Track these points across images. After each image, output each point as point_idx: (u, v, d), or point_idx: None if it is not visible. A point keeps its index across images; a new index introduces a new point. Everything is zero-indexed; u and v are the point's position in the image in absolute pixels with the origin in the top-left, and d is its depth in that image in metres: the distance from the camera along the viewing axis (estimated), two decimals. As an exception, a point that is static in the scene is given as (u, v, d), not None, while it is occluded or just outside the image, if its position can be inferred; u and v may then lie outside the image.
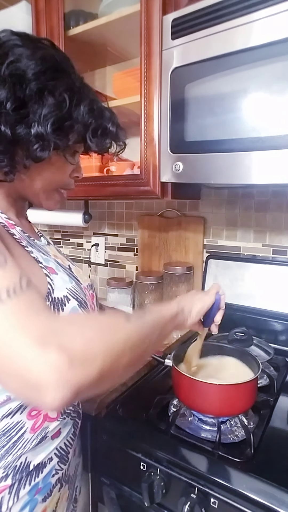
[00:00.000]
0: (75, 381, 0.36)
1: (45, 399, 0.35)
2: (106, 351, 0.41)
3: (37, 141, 0.50)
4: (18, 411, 0.52)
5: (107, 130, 0.60)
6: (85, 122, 0.56)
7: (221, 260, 1.20)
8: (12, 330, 0.37)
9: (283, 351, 1.06)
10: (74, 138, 0.57)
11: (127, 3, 0.99)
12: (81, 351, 0.38)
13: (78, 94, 0.55)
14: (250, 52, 0.75)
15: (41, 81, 0.50)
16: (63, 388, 0.35)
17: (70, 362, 0.36)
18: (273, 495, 0.57)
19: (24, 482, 0.53)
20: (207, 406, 0.71)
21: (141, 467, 0.70)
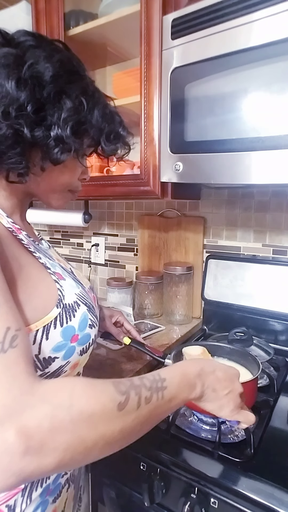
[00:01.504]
0: (26, 470, 0.33)
1: None
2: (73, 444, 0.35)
3: (57, 144, 0.51)
4: None
5: (119, 134, 0.62)
6: (99, 127, 0.57)
7: (221, 260, 1.20)
8: None
9: (283, 351, 1.06)
10: (88, 142, 0.58)
11: (127, 3, 0.99)
12: (42, 439, 0.34)
13: (93, 98, 0.55)
14: (250, 52, 0.75)
15: (58, 84, 0.50)
16: (10, 475, 0.33)
17: (26, 449, 0.33)
18: (273, 495, 0.57)
19: (36, 484, 0.54)
20: (207, 406, 0.71)
21: (141, 467, 0.70)
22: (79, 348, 0.55)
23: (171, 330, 1.21)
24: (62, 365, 0.52)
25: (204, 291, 1.22)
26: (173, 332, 1.19)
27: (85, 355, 0.58)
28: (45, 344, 0.49)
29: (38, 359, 0.49)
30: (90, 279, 1.63)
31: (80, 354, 0.55)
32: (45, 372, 0.51)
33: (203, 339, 1.13)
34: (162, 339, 1.13)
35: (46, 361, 0.50)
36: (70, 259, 1.70)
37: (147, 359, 0.98)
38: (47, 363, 0.50)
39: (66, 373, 0.55)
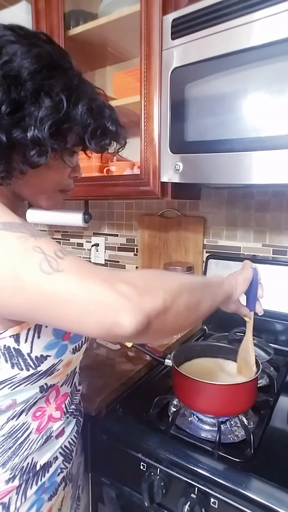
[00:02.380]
0: (145, 306, 0.40)
1: (124, 322, 0.38)
2: (165, 286, 0.45)
3: (34, 146, 0.48)
4: (23, 412, 0.52)
5: (107, 129, 0.57)
6: (83, 123, 0.53)
7: (221, 260, 1.20)
8: (81, 276, 0.40)
9: (283, 351, 1.06)
10: (72, 140, 0.54)
11: (127, 3, 0.99)
12: (144, 285, 0.42)
13: (76, 93, 0.52)
14: (250, 52, 0.75)
15: (36, 81, 0.47)
16: (137, 312, 0.39)
17: (138, 292, 0.40)
18: (273, 495, 0.57)
19: (31, 482, 0.54)
20: (207, 406, 0.71)
21: (141, 467, 0.70)
22: (72, 346, 0.54)
23: (171, 330, 1.20)
24: (55, 363, 0.52)
25: (204, 291, 1.22)
26: (173, 332, 1.19)
27: (78, 353, 0.58)
28: (37, 342, 0.49)
29: (30, 357, 0.49)
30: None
31: (73, 353, 0.55)
32: (37, 371, 0.50)
33: (203, 339, 1.13)
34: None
35: (38, 359, 0.50)
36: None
37: (147, 359, 0.98)
38: (39, 361, 0.50)
39: (59, 372, 0.54)
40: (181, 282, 0.48)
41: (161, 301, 0.42)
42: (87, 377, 0.89)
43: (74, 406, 0.64)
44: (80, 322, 0.39)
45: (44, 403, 0.56)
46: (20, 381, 0.49)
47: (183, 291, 0.46)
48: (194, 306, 0.49)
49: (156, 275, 0.47)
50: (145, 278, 0.45)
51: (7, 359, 0.46)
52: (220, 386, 0.69)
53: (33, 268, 0.39)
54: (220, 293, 0.59)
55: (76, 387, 0.66)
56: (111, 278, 0.41)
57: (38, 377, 0.50)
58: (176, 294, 0.45)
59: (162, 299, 0.42)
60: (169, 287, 0.45)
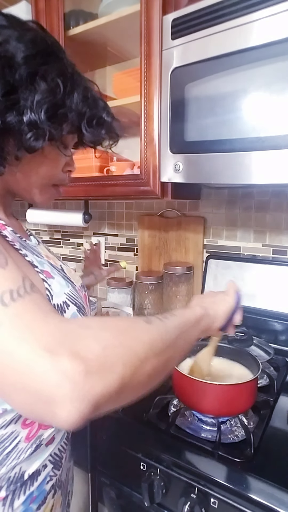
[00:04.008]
0: (93, 392, 0.32)
1: (60, 414, 0.31)
2: (127, 356, 0.36)
3: (30, 129, 0.46)
4: (12, 421, 0.49)
5: (102, 120, 0.56)
6: (79, 111, 0.52)
7: (221, 260, 1.20)
8: (18, 336, 0.32)
9: (283, 351, 1.06)
10: (68, 128, 0.52)
11: (127, 3, 0.99)
12: (98, 358, 0.33)
13: (71, 81, 0.50)
14: (250, 52, 0.75)
15: (31, 65, 0.46)
16: (80, 401, 0.31)
17: (86, 370, 0.32)
18: (273, 495, 0.57)
19: (19, 492, 0.51)
20: (207, 406, 0.71)
21: (141, 467, 0.70)
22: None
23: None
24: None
25: (204, 291, 1.22)
26: (173, 332, 1.19)
27: None
28: None
29: None
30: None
31: None
32: None
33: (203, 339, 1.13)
34: (162, 339, 1.13)
35: None
36: (70, 259, 1.71)
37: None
38: None
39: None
40: (148, 343, 0.39)
41: (117, 381, 0.34)
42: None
43: None
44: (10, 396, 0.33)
45: None
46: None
47: (149, 356, 0.38)
48: (160, 369, 0.41)
49: (118, 335, 0.38)
50: (104, 343, 0.35)
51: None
52: (220, 386, 0.69)
53: None
54: (196, 333, 0.54)
55: None
56: (58, 346, 0.32)
57: None
58: (139, 364, 0.37)
59: (118, 377, 0.34)
60: (132, 356, 0.36)
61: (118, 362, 0.35)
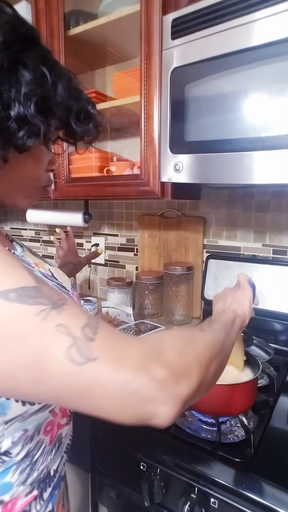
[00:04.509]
0: (183, 393, 0.37)
1: (162, 415, 0.36)
2: (198, 360, 0.41)
3: (21, 125, 0.41)
4: (36, 433, 0.50)
5: (89, 113, 0.51)
6: (66, 104, 0.47)
7: (221, 260, 1.20)
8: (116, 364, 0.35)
9: (283, 351, 1.06)
10: (55, 123, 0.48)
11: (127, 3, 0.99)
12: (179, 365, 0.38)
13: (55, 70, 0.45)
14: (250, 52, 0.75)
15: (11, 52, 0.40)
16: (174, 402, 0.36)
17: (174, 377, 0.37)
18: (273, 495, 0.57)
19: (46, 486, 0.54)
20: (207, 406, 0.71)
21: (141, 467, 0.70)
22: None
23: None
24: None
25: (204, 291, 1.22)
26: (173, 332, 1.19)
27: None
28: None
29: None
30: (90, 279, 1.63)
31: None
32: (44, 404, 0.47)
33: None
34: (162, 339, 1.13)
35: None
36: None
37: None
38: None
39: None
40: (209, 347, 0.45)
41: (196, 382, 0.39)
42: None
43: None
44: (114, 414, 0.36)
45: (52, 416, 0.54)
46: (31, 414, 0.46)
47: (212, 358, 0.44)
48: (220, 368, 0.46)
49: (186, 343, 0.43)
50: (179, 353, 0.40)
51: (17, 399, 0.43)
52: (220, 386, 0.69)
53: (59, 357, 0.33)
54: (234, 334, 0.57)
55: None
56: (146, 360, 0.36)
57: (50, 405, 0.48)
58: (208, 365, 0.42)
59: (197, 379, 0.39)
60: (202, 359, 0.42)
61: (194, 366, 0.40)
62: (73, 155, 1.22)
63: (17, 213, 1.91)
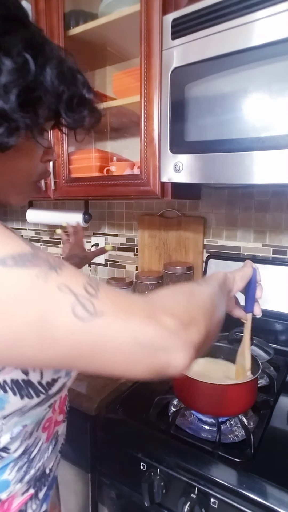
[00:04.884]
0: (194, 339, 0.38)
1: (176, 361, 0.36)
2: (202, 310, 0.42)
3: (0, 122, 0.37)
4: (34, 429, 0.50)
5: (84, 98, 0.46)
6: (56, 91, 0.42)
7: (221, 260, 1.20)
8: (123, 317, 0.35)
9: (283, 351, 1.06)
10: (45, 113, 0.43)
11: (127, 3, 0.99)
12: (186, 314, 0.39)
13: (42, 53, 0.40)
14: (250, 52, 0.75)
15: None
16: (187, 348, 0.37)
17: (183, 324, 0.37)
18: (273, 495, 0.57)
19: (41, 485, 0.54)
20: (207, 406, 0.71)
21: (141, 467, 0.70)
22: None
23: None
24: (65, 381, 0.49)
25: (204, 291, 1.22)
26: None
27: None
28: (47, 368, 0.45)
29: (40, 384, 0.44)
30: (90, 279, 1.62)
31: None
32: (48, 394, 0.46)
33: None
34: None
35: (49, 384, 0.46)
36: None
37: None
38: (50, 385, 0.46)
39: (69, 386, 0.52)
40: (210, 298, 0.47)
41: (204, 328, 0.40)
42: (87, 377, 0.89)
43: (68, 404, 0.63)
44: (127, 369, 0.35)
45: (51, 413, 0.54)
46: (30, 408, 0.45)
47: (214, 309, 0.45)
48: (220, 319, 0.47)
49: (188, 297, 0.44)
50: (182, 304, 0.41)
51: (15, 392, 0.42)
52: (220, 386, 0.69)
53: (64, 315, 0.33)
54: (225, 292, 0.58)
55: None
56: (153, 312, 0.37)
57: (48, 399, 0.48)
58: (211, 315, 0.43)
59: (204, 326, 0.40)
60: (206, 310, 0.43)
61: (199, 314, 0.41)
62: (73, 155, 1.22)
63: (17, 213, 1.91)
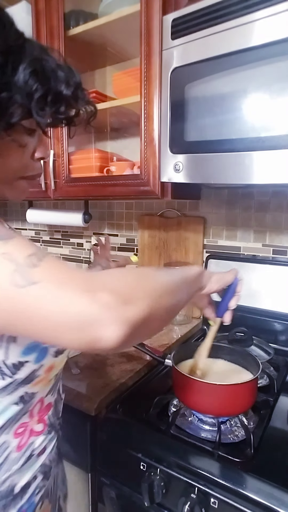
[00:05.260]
0: (130, 315, 0.37)
1: (108, 338, 0.36)
2: (149, 291, 0.42)
3: None
4: (4, 431, 0.47)
5: (60, 94, 0.45)
6: (27, 90, 0.41)
7: (221, 260, 1.20)
8: (57, 287, 0.36)
9: (283, 351, 1.06)
10: (18, 113, 0.42)
11: (127, 3, 0.99)
12: (127, 291, 0.39)
13: (15, 54, 0.41)
14: (250, 52, 0.75)
15: None
16: (120, 323, 0.36)
17: (121, 300, 0.37)
18: (273, 495, 0.57)
19: (9, 507, 0.49)
20: (207, 406, 0.71)
21: (141, 467, 0.70)
22: (54, 349, 0.49)
23: (171, 330, 1.21)
24: (35, 369, 0.47)
25: (204, 291, 1.22)
26: (173, 332, 1.19)
27: (62, 356, 0.51)
28: (13, 347, 0.44)
29: (5, 365, 0.44)
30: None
31: (55, 356, 0.50)
32: (14, 379, 0.45)
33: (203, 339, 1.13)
34: (162, 339, 1.13)
35: (15, 366, 0.45)
36: (70, 259, 1.71)
37: (147, 359, 0.98)
38: (16, 368, 0.45)
39: (40, 377, 0.49)
40: (163, 284, 0.46)
41: (146, 308, 0.39)
42: (87, 377, 0.89)
43: (57, 420, 0.59)
44: (60, 337, 0.36)
45: (28, 417, 0.51)
46: None
47: (164, 294, 0.44)
48: (174, 307, 0.47)
49: (138, 278, 0.44)
50: (127, 283, 0.41)
51: None
52: (220, 386, 0.69)
53: (1, 281, 0.35)
54: (195, 286, 0.59)
55: (60, 395, 0.61)
56: (92, 286, 0.37)
57: (16, 386, 0.46)
58: (159, 298, 0.43)
59: (146, 306, 0.39)
60: (152, 291, 0.42)
61: (144, 295, 0.40)
62: (73, 155, 1.22)
63: (17, 213, 1.91)
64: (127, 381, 0.89)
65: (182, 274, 0.55)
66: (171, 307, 0.46)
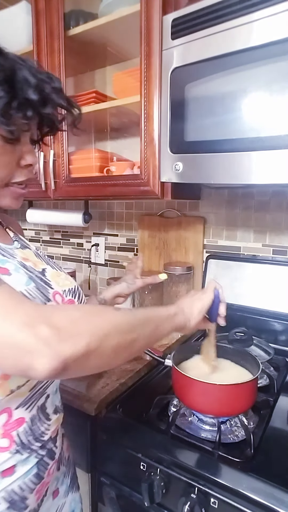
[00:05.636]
0: (64, 352, 0.39)
1: (37, 366, 0.38)
2: (93, 329, 0.43)
3: None
4: None
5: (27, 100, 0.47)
6: None
7: (221, 260, 1.20)
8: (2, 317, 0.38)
9: (283, 351, 1.06)
10: None
11: (127, 3, 0.99)
12: (69, 327, 0.41)
13: None
14: (250, 52, 0.75)
15: None
16: (52, 358, 0.38)
17: (59, 336, 0.39)
18: (273, 495, 0.57)
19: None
20: (207, 406, 0.71)
21: (141, 467, 0.70)
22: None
23: (171, 330, 1.20)
24: None
25: (204, 291, 1.22)
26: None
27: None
28: None
29: None
30: (90, 279, 1.62)
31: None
32: None
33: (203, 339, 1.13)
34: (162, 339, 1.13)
35: None
36: (70, 259, 1.70)
37: (147, 359, 0.98)
38: None
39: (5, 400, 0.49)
40: (113, 323, 0.46)
41: (83, 346, 0.40)
42: (87, 377, 0.89)
43: (37, 442, 0.54)
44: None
45: None
46: None
47: (113, 333, 0.44)
48: (125, 346, 0.47)
49: (87, 315, 0.45)
50: (73, 319, 0.42)
51: None
52: (220, 386, 0.69)
53: None
54: (169, 326, 0.57)
55: (45, 414, 0.56)
56: (34, 320, 0.39)
57: None
58: (104, 337, 0.43)
59: (85, 343, 0.40)
60: (97, 330, 0.43)
61: (85, 332, 0.41)
62: (73, 155, 1.22)
63: (17, 213, 1.91)
64: (127, 381, 0.89)
65: (147, 313, 0.55)
66: (121, 345, 0.46)
